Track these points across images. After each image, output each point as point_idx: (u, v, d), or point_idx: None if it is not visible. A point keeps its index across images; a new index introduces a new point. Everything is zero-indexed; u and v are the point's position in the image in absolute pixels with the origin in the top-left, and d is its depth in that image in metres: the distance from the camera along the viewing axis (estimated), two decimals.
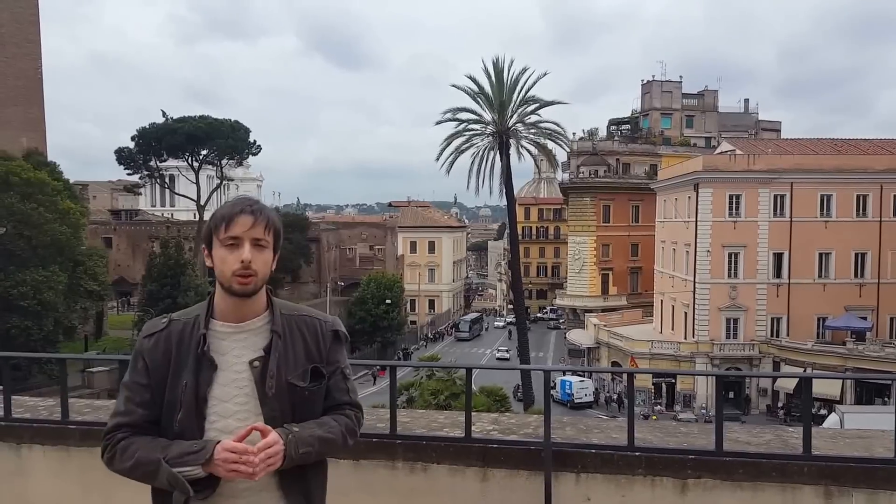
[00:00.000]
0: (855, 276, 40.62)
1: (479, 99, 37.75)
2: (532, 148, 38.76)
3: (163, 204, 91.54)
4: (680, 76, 76.41)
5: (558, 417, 3.45)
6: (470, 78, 37.82)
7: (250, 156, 63.34)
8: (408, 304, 67.87)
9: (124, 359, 1.98)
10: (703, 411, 37.34)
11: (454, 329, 71.76)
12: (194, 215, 63.38)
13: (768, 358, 39.94)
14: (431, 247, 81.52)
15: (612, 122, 79.76)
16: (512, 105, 37.45)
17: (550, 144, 39.62)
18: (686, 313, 43.36)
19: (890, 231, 39.85)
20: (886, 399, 35.32)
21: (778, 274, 40.96)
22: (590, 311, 55.66)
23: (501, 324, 77.39)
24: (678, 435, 3.22)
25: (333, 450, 1.90)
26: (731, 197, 40.70)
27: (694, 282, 41.78)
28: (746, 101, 79.03)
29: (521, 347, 37.61)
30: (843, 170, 40.02)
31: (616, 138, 71.42)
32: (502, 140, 36.87)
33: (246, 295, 1.83)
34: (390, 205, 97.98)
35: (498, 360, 52.24)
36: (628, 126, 77.33)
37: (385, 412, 3.31)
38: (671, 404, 40.72)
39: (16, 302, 31.25)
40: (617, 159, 63.56)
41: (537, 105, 38.01)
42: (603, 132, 74.51)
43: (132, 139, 58.07)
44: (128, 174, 62.72)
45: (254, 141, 61.17)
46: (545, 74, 38.25)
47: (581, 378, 42.70)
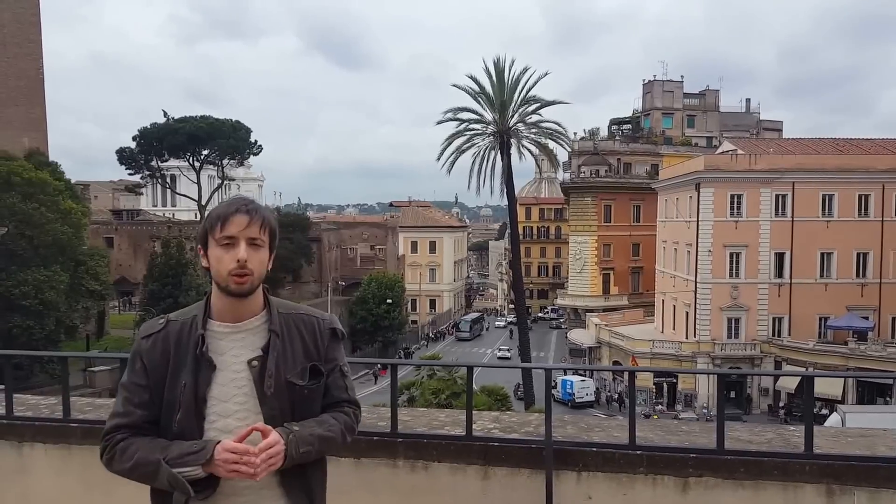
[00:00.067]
0: (857, 276, 40.56)
1: (480, 99, 37.68)
2: (533, 148, 38.71)
3: (164, 204, 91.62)
4: (681, 76, 76.42)
5: (559, 416, 3.45)
6: (471, 78, 37.77)
7: (251, 156, 63.45)
8: (409, 304, 67.86)
9: (125, 357, 1.97)
10: (705, 411, 37.28)
11: (455, 329, 71.76)
12: (195, 215, 63.47)
13: (770, 358, 39.90)
14: (432, 247, 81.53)
15: (614, 122, 79.69)
16: (513, 105, 37.37)
17: (551, 144, 39.54)
18: (687, 313, 43.32)
19: (892, 231, 39.79)
20: (888, 399, 35.29)
21: (779, 274, 40.91)
22: (591, 311, 55.62)
23: (502, 324, 77.33)
24: (679, 433, 3.21)
25: (333, 448, 1.91)
26: (733, 197, 40.66)
27: (695, 281, 41.74)
28: (748, 101, 78.97)
29: (523, 347, 37.57)
30: (845, 169, 39.97)
31: (617, 138, 71.31)
32: (503, 140, 36.81)
33: (242, 294, 1.83)
34: (391, 205, 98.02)
35: (499, 360, 52.22)
36: (629, 126, 77.25)
37: (386, 411, 3.31)
38: (672, 404, 40.68)
39: (17, 301, 31.28)
40: (618, 159, 63.46)
41: (538, 105, 37.93)
42: (604, 132, 74.44)
43: (133, 139, 58.18)
44: (129, 174, 62.86)
45: (255, 141, 61.25)
46: (546, 74, 38.14)
47: (582, 378, 42.69)
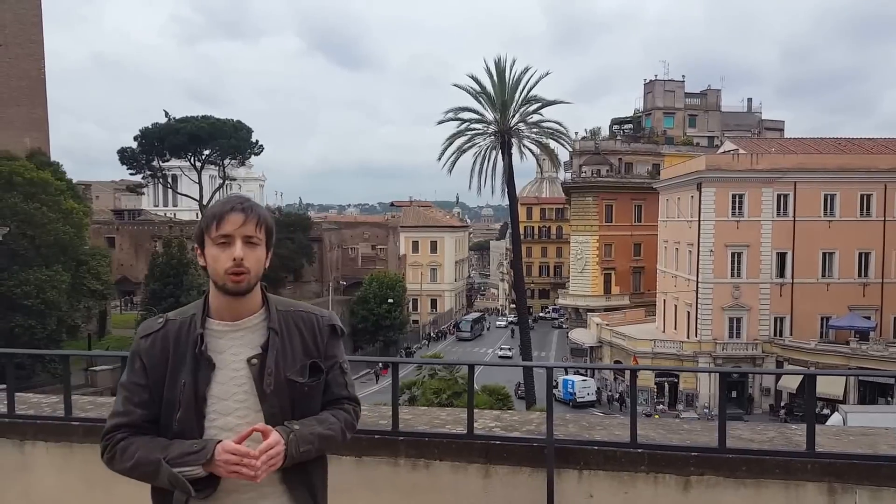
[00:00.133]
0: (859, 276, 40.49)
1: (481, 98, 37.64)
2: (534, 147, 38.66)
3: (165, 204, 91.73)
4: (682, 75, 76.38)
5: (561, 415, 3.44)
6: (472, 77, 37.71)
7: (252, 156, 63.43)
8: (410, 304, 67.86)
9: (126, 356, 1.98)
10: (706, 410, 37.24)
11: (455, 329, 71.75)
12: (196, 215, 63.42)
13: (771, 357, 39.85)
14: (434, 246, 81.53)
15: (615, 122, 79.60)
16: (514, 104, 37.32)
17: (553, 144, 39.49)
18: (689, 313, 43.28)
19: (894, 230, 39.69)
20: (890, 399, 35.23)
21: (781, 273, 40.86)
22: (592, 311, 55.59)
23: (503, 323, 77.34)
24: (681, 432, 3.21)
25: (333, 445, 1.92)
26: (734, 196, 40.60)
27: (697, 281, 41.69)
28: (749, 101, 78.84)
29: (524, 346, 37.55)
30: (847, 169, 39.90)
31: (618, 138, 71.25)
32: (504, 139, 36.77)
33: (240, 293, 1.82)
34: (392, 205, 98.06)
35: (500, 359, 52.21)
36: (631, 125, 77.18)
37: (387, 409, 3.31)
38: (674, 404, 40.64)
39: (19, 301, 31.32)
40: (619, 159, 63.39)
41: (539, 104, 37.87)
42: (605, 132, 74.35)
43: (135, 139, 58.19)
44: (130, 174, 62.88)
45: (256, 141, 61.23)
46: (547, 74, 38.09)
47: (583, 377, 42.67)
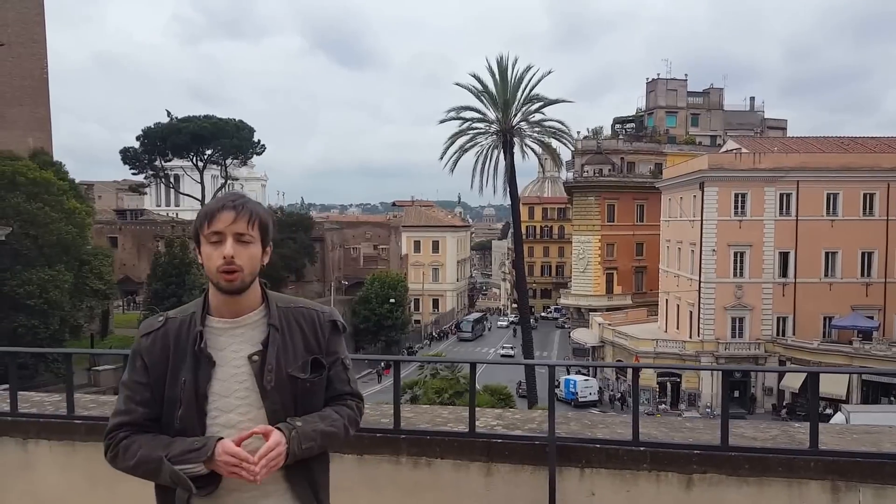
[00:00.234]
0: (861, 276, 40.40)
1: (483, 97, 37.58)
2: (536, 147, 38.59)
3: (167, 203, 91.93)
4: (685, 74, 76.28)
5: (563, 413, 3.44)
6: (474, 76, 37.62)
7: (254, 155, 63.59)
8: (412, 304, 67.88)
9: (129, 353, 1.98)
10: (708, 410, 37.21)
11: (456, 329, 71.73)
12: None
13: (774, 357, 39.79)
14: (435, 246, 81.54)
15: (617, 121, 79.41)
16: (516, 103, 37.26)
17: (555, 143, 39.40)
18: (691, 312, 43.23)
19: None
20: (893, 398, 35.17)
21: (784, 273, 40.79)
22: (594, 311, 55.53)
23: (505, 323, 77.35)
24: (683, 430, 3.20)
25: (336, 442, 1.91)
26: (737, 196, 40.55)
27: (699, 281, 41.64)
28: (752, 100, 78.57)
29: (526, 346, 37.52)
30: (850, 168, 39.81)
31: (620, 137, 71.12)
32: (506, 139, 36.73)
33: (233, 291, 1.82)
34: (394, 204, 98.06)
35: (503, 357, 52.21)
36: (633, 124, 76.99)
37: (389, 407, 3.30)
38: (676, 403, 40.61)
39: (22, 301, 31.42)
40: (621, 158, 63.32)
41: (541, 103, 37.77)
42: (607, 131, 74.16)
43: (137, 139, 58.39)
44: (133, 174, 63.10)
45: (258, 140, 61.38)
46: (549, 73, 37.94)
47: (585, 377, 42.65)
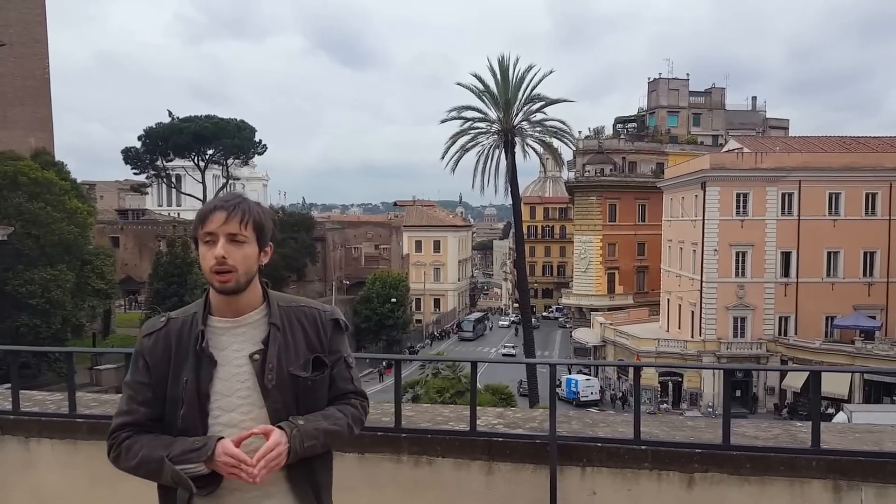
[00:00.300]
0: (864, 275, 40.35)
1: (485, 97, 37.55)
2: (537, 146, 38.55)
3: (169, 203, 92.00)
4: (687, 74, 76.19)
5: (564, 412, 3.44)
6: (475, 76, 37.60)
7: (256, 155, 63.63)
8: (413, 303, 67.92)
9: (130, 352, 1.98)
10: (710, 409, 37.18)
11: (458, 328, 71.75)
12: None
13: (776, 357, 39.74)
14: (437, 246, 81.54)
15: (619, 121, 79.39)
16: (517, 103, 37.22)
17: (556, 143, 39.41)
18: (693, 312, 43.19)
19: None
20: (895, 398, 35.10)
21: (786, 273, 40.75)
22: (596, 310, 55.52)
23: (506, 323, 77.35)
24: (685, 429, 3.19)
25: (339, 441, 1.91)
26: (739, 195, 40.51)
27: (701, 281, 41.61)
28: (754, 99, 78.59)
29: (527, 345, 37.51)
30: (852, 168, 39.75)
31: (622, 136, 71.09)
32: (508, 138, 36.71)
33: (227, 292, 1.81)
34: (395, 204, 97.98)
35: (504, 357, 52.24)
36: (634, 124, 76.95)
37: (390, 406, 3.30)
38: (677, 402, 40.59)
39: (24, 300, 31.47)
40: (623, 158, 63.27)
41: (543, 103, 37.72)
42: (609, 130, 74.19)
43: (139, 139, 58.45)
44: (134, 174, 63.19)
45: (259, 140, 61.42)
46: (551, 72, 37.87)
47: (587, 377, 42.64)
